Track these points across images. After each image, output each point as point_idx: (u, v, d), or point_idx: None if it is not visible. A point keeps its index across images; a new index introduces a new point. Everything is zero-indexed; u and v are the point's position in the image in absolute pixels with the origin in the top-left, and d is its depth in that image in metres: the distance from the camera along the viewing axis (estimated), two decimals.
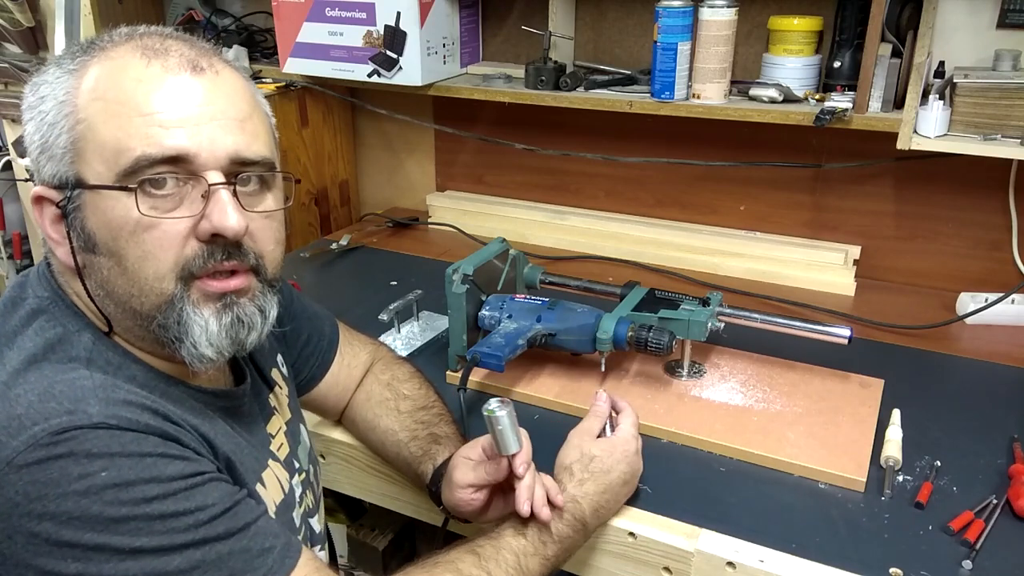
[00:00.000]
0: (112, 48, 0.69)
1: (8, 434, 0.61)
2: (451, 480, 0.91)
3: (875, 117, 1.34)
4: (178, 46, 0.70)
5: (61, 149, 0.68)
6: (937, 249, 1.54)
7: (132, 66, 0.68)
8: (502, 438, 0.84)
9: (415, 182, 2.02)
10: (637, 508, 0.95)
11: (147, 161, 0.66)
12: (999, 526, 0.91)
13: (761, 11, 1.50)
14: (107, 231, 0.67)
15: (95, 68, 0.68)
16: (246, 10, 2.02)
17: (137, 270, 0.68)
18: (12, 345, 0.68)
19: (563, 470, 0.89)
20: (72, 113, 0.67)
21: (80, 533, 0.60)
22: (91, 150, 0.67)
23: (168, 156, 0.66)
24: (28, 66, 2.19)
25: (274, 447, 0.87)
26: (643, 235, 1.69)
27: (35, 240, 2.61)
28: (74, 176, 0.68)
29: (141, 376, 0.71)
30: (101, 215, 0.67)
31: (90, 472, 0.61)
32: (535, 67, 1.58)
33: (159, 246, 0.67)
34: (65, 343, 0.69)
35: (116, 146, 0.66)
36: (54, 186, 0.69)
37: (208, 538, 0.64)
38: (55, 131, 0.68)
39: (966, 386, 1.22)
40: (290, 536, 0.72)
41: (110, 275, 0.69)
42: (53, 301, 0.71)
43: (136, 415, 0.65)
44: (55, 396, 0.63)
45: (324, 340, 1.05)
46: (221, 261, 0.69)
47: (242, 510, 0.68)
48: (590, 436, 0.93)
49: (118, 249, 0.67)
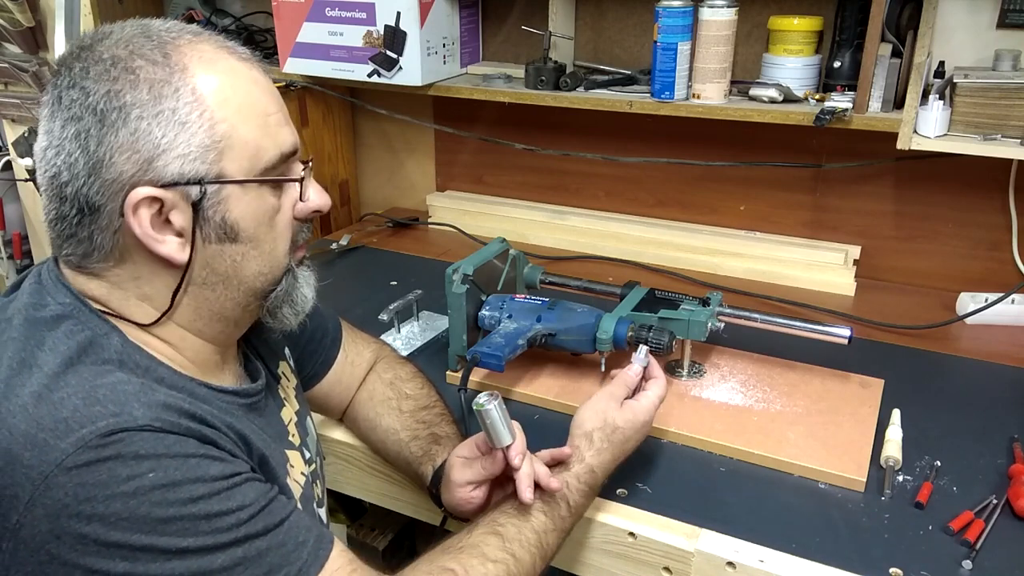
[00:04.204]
0: (195, 46, 0.71)
1: (56, 436, 0.62)
2: (449, 480, 0.91)
3: (875, 117, 1.34)
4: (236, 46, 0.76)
5: (199, 147, 0.69)
6: (937, 249, 1.54)
7: (234, 67, 0.73)
8: (494, 431, 0.84)
9: (415, 182, 2.02)
10: (637, 508, 0.95)
11: (281, 158, 0.75)
12: (999, 526, 0.91)
13: (761, 11, 1.50)
14: (251, 220, 0.73)
15: (200, 67, 0.70)
16: (246, 10, 2.02)
17: (272, 250, 0.76)
18: (43, 347, 0.69)
19: (583, 436, 0.90)
20: (206, 111, 0.69)
21: (128, 534, 0.61)
22: (236, 148, 0.71)
23: (292, 151, 0.77)
24: (28, 66, 2.19)
25: (290, 437, 0.88)
26: (643, 235, 1.69)
27: (35, 240, 2.61)
28: (216, 172, 0.70)
29: (168, 377, 0.72)
30: (246, 206, 0.73)
31: (138, 473, 0.62)
32: (535, 67, 1.58)
33: (285, 227, 0.77)
34: (96, 346, 0.70)
35: (256, 144, 0.72)
36: (174, 184, 0.69)
37: (249, 535, 0.66)
38: (189, 131, 0.69)
39: (966, 386, 1.22)
40: (322, 528, 0.74)
41: (243, 260, 0.75)
42: (75, 306, 0.72)
43: (175, 418, 0.67)
44: (99, 400, 0.64)
45: (328, 337, 1.05)
46: (309, 232, 0.82)
47: (276, 507, 0.70)
48: (615, 403, 0.92)
49: (258, 235, 0.74)
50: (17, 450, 0.62)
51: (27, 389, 0.65)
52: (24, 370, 0.67)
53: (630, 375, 0.96)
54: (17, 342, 0.70)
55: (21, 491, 0.61)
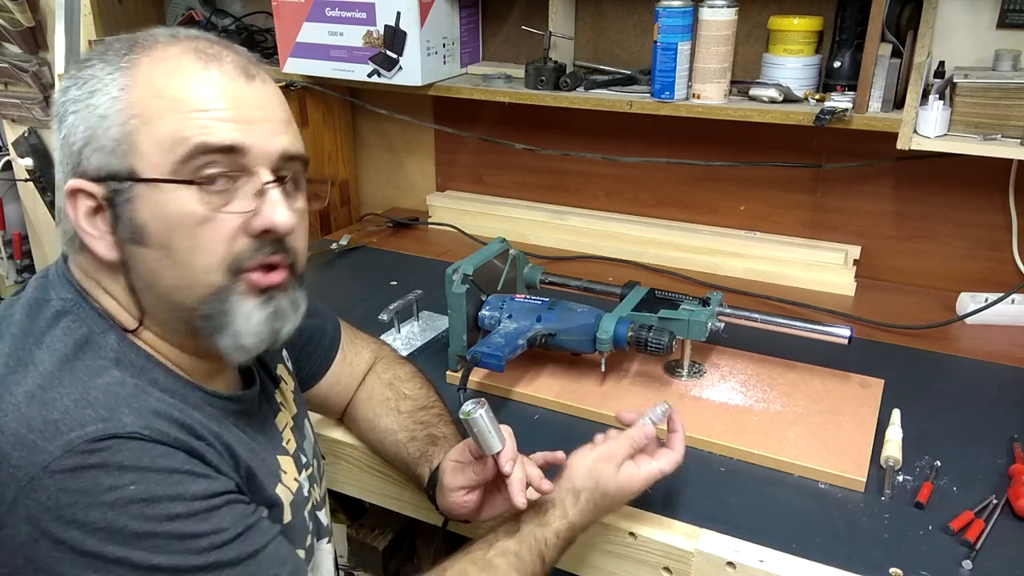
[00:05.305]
0: (162, 48, 0.71)
1: (44, 438, 0.62)
2: (442, 485, 0.91)
3: (875, 117, 1.34)
4: (230, 53, 0.73)
5: (112, 141, 0.68)
6: (937, 249, 1.54)
7: (189, 67, 0.70)
8: (483, 438, 0.83)
9: (415, 182, 2.02)
10: (637, 508, 0.95)
11: (203, 149, 0.67)
12: (999, 526, 0.91)
13: (761, 11, 1.50)
14: (160, 224, 0.68)
15: (149, 66, 0.70)
16: (246, 10, 2.02)
17: (187, 262, 0.69)
18: (41, 345, 0.69)
19: (570, 491, 0.86)
20: (126, 108, 0.68)
21: (103, 544, 0.61)
22: (147, 143, 0.68)
23: (224, 146, 0.68)
24: (28, 66, 2.19)
25: (284, 443, 0.88)
26: (643, 235, 1.69)
27: (35, 240, 2.61)
28: (127, 169, 0.68)
29: (162, 380, 0.72)
30: (155, 208, 0.68)
31: (120, 484, 0.62)
32: (535, 67, 1.58)
33: (212, 240, 0.69)
34: (93, 343, 0.70)
35: (173, 137, 0.67)
36: (98, 179, 0.69)
37: (220, 562, 0.65)
38: (105, 123, 0.68)
39: (966, 386, 1.22)
40: (297, 562, 0.72)
41: (157, 267, 0.70)
42: (77, 302, 0.72)
43: (165, 427, 0.66)
44: (91, 403, 0.64)
45: (326, 338, 1.05)
46: (269, 255, 0.72)
47: (253, 535, 0.69)
48: (612, 465, 0.86)
49: (170, 242, 0.68)
50: (7, 449, 0.62)
51: (21, 388, 0.65)
52: (20, 368, 0.67)
53: (638, 436, 0.89)
54: (16, 338, 0.70)
55: (7, 491, 0.61)
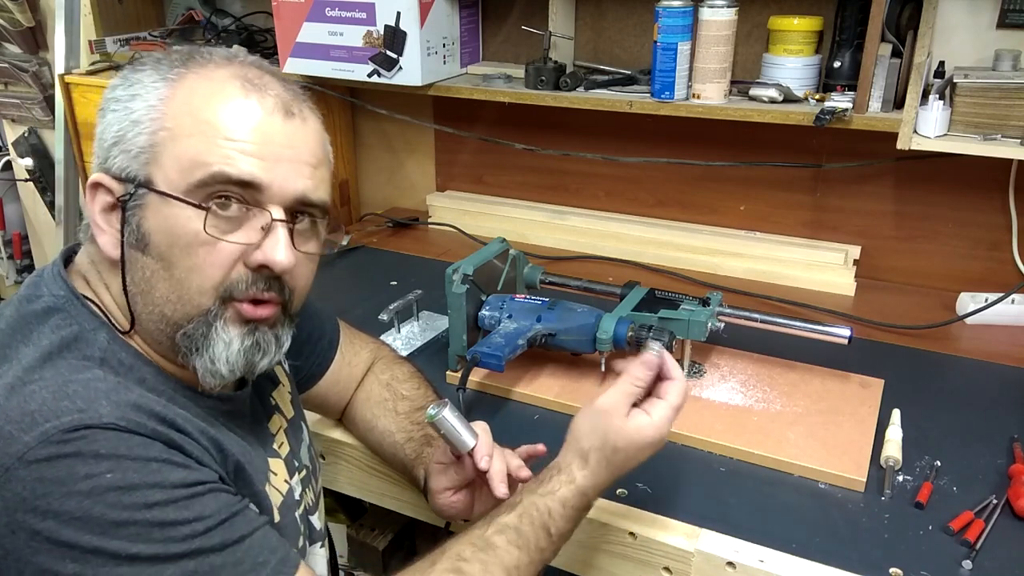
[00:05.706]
0: (212, 68, 0.72)
1: (21, 429, 0.62)
2: (429, 487, 0.92)
3: (875, 117, 1.34)
4: (276, 86, 0.73)
5: (138, 147, 0.70)
6: (937, 249, 1.54)
7: (230, 93, 0.70)
8: (453, 437, 0.83)
9: (415, 182, 2.02)
10: (637, 508, 0.95)
11: (221, 179, 0.69)
12: (999, 526, 0.91)
13: (761, 11, 1.50)
14: (164, 236, 0.69)
15: (192, 83, 0.71)
16: (246, 10, 2.02)
17: (183, 279, 0.70)
18: (28, 341, 0.69)
19: (576, 453, 0.79)
20: (160, 118, 0.69)
21: (80, 534, 0.61)
22: (169, 158, 0.69)
23: (242, 180, 0.69)
24: (28, 66, 2.19)
25: (276, 446, 0.87)
26: (643, 235, 1.69)
27: (35, 240, 2.61)
28: (144, 177, 0.70)
29: (151, 379, 0.72)
30: (162, 220, 0.69)
31: (96, 473, 0.62)
32: (535, 67, 1.58)
33: (210, 263, 0.70)
34: (80, 341, 0.70)
35: (194, 159, 0.68)
36: (119, 178, 0.71)
37: (203, 549, 0.65)
38: (136, 129, 0.70)
39: (966, 386, 1.22)
40: (288, 550, 0.71)
41: (152, 277, 0.71)
42: (68, 300, 0.72)
43: (143, 419, 0.66)
44: (68, 395, 0.64)
45: (324, 339, 1.05)
46: (262, 290, 0.72)
47: (239, 522, 0.68)
48: (619, 415, 0.79)
49: (170, 256, 0.70)
50: None
51: (2, 381, 0.66)
52: (3, 363, 0.68)
53: (639, 375, 0.81)
54: (4, 334, 0.70)
55: None
